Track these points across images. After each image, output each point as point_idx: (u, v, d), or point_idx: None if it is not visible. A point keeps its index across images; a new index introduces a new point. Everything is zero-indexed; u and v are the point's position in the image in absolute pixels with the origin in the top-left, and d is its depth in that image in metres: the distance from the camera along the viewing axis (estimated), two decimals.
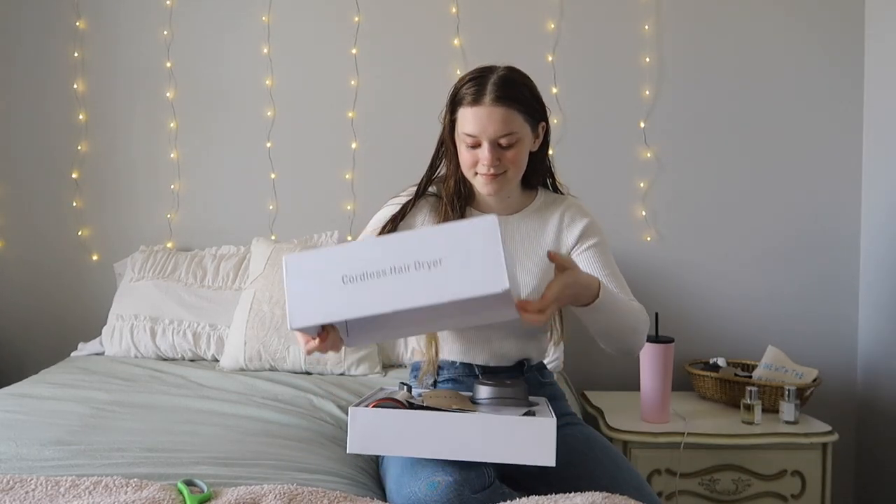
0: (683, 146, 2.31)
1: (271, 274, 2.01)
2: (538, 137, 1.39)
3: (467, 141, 1.33)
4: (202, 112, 2.36)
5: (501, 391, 1.22)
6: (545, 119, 1.40)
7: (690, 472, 1.87)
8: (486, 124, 1.30)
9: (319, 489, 1.05)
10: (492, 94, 1.30)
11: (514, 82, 1.33)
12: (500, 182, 1.35)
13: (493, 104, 1.29)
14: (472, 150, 1.34)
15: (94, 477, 1.05)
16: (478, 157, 1.33)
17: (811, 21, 2.28)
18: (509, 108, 1.30)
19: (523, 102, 1.32)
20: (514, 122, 1.31)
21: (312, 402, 1.64)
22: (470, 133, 1.32)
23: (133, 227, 2.38)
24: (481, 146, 1.32)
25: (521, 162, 1.36)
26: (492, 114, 1.30)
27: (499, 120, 1.30)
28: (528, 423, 1.09)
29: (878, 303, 2.21)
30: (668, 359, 1.87)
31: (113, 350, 2.08)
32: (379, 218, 1.48)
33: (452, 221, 1.07)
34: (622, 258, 2.27)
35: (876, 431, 2.22)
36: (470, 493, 1.06)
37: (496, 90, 1.30)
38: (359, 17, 2.32)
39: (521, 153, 1.35)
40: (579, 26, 2.31)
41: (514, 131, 1.31)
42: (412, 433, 1.08)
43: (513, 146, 1.32)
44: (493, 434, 1.08)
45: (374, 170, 2.33)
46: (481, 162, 1.32)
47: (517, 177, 1.38)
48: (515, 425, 1.08)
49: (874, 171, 2.24)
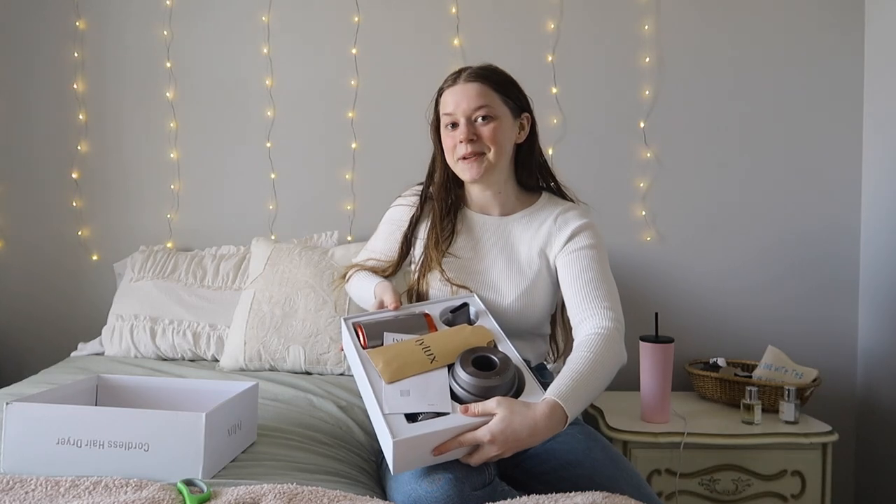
0: (683, 146, 2.31)
1: (271, 274, 2.01)
2: (523, 129, 1.43)
3: (445, 121, 1.39)
4: (202, 112, 2.36)
5: (484, 385, 1.14)
6: (528, 111, 1.43)
7: (690, 472, 1.87)
8: (460, 99, 1.36)
9: (319, 489, 1.05)
10: (467, 73, 1.38)
11: (491, 68, 1.41)
12: (482, 165, 1.37)
13: (468, 80, 1.37)
14: (451, 134, 1.38)
15: (94, 477, 1.05)
16: (456, 140, 1.37)
17: (811, 21, 2.28)
18: (483, 84, 1.36)
19: (500, 83, 1.38)
20: (488, 97, 1.36)
21: (312, 402, 1.64)
22: (446, 111, 1.38)
23: (133, 227, 2.38)
24: (458, 126, 1.36)
25: (502, 141, 1.37)
26: (466, 89, 1.36)
27: (473, 94, 1.35)
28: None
29: (877, 303, 2.21)
30: (668, 359, 1.87)
31: (113, 350, 2.08)
32: (390, 219, 1.53)
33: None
34: (622, 258, 2.28)
35: (876, 431, 2.21)
36: (470, 489, 1.06)
37: (473, 71, 1.38)
38: (359, 17, 2.32)
39: (499, 132, 1.37)
40: (579, 26, 2.31)
41: (489, 104, 1.36)
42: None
43: (489, 122, 1.36)
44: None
45: (374, 170, 2.33)
46: (458, 140, 1.36)
47: (499, 161, 1.39)
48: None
49: (874, 171, 2.24)
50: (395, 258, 1.48)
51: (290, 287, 1.97)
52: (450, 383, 1.15)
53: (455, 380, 1.15)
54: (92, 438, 1.09)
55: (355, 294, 1.53)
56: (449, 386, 1.14)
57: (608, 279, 1.36)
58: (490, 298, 1.37)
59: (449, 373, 1.17)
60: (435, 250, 1.41)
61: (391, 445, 1.04)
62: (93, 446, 1.09)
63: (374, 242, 1.56)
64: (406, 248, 1.47)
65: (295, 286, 1.97)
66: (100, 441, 1.09)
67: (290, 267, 2.01)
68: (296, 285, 1.97)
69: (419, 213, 1.48)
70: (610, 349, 1.22)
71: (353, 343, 1.24)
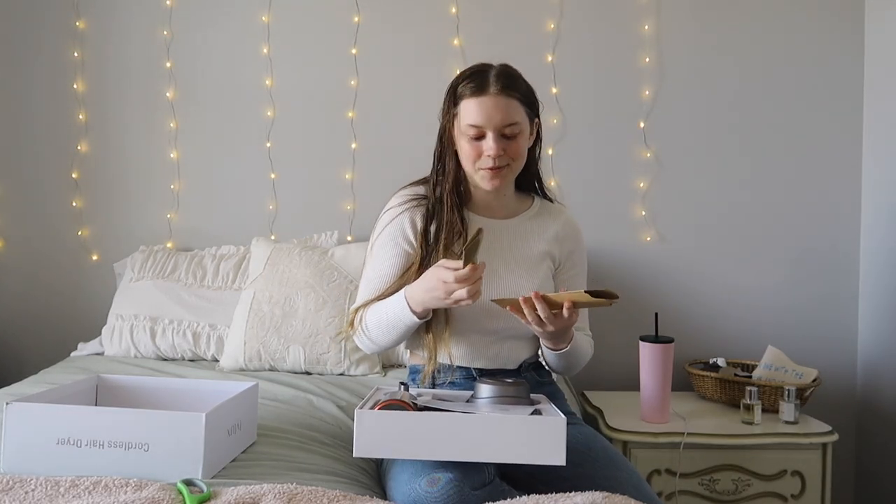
0: (683, 146, 2.31)
1: (271, 274, 2.01)
2: (532, 134, 1.42)
3: (470, 133, 1.34)
4: (202, 112, 2.36)
5: (504, 390, 1.22)
6: (538, 115, 1.42)
7: (690, 472, 1.87)
8: (492, 113, 1.32)
9: (319, 489, 1.05)
10: (496, 85, 1.33)
11: (514, 75, 1.37)
12: (504, 175, 1.37)
13: (498, 94, 1.32)
14: (475, 143, 1.34)
15: (94, 477, 1.05)
16: (481, 150, 1.34)
17: (811, 21, 2.28)
18: (512, 98, 1.33)
19: (524, 94, 1.36)
20: (517, 113, 1.34)
21: (312, 402, 1.64)
22: (474, 123, 1.33)
23: (133, 227, 2.38)
24: (485, 137, 1.33)
25: (524, 155, 1.39)
26: (498, 103, 1.32)
27: (504, 109, 1.32)
28: (537, 422, 1.08)
29: (877, 303, 2.21)
30: (668, 359, 1.87)
31: (113, 350, 2.07)
32: (391, 236, 1.42)
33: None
34: (622, 258, 2.28)
35: (876, 431, 2.21)
36: (470, 489, 1.06)
37: (500, 81, 1.33)
38: (359, 17, 2.32)
39: (523, 146, 1.38)
40: (579, 26, 2.31)
41: (518, 121, 1.34)
42: (420, 435, 1.07)
43: (516, 137, 1.35)
44: (503, 434, 1.07)
45: (374, 170, 2.33)
46: (486, 153, 1.33)
47: (518, 171, 1.40)
48: (525, 425, 1.07)
49: (874, 171, 2.24)
50: (415, 267, 1.37)
51: (290, 287, 1.97)
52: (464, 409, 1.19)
53: (475, 397, 1.23)
54: (92, 438, 1.09)
55: (381, 323, 1.35)
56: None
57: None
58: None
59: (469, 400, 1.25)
60: (446, 252, 1.35)
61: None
62: (93, 446, 1.09)
63: (380, 269, 1.40)
64: (426, 246, 1.37)
65: (295, 286, 1.97)
66: (100, 441, 1.09)
67: (290, 267, 2.01)
68: (296, 285, 1.97)
69: (432, 207, 1.40)
70: (591, 347, 1.51)
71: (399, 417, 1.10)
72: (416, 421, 1.08)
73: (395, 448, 1.08)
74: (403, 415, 1.08)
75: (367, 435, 1.07)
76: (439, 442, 1.07)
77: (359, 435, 1.07)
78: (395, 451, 1.09)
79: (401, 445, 1.07)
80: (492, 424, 1.08)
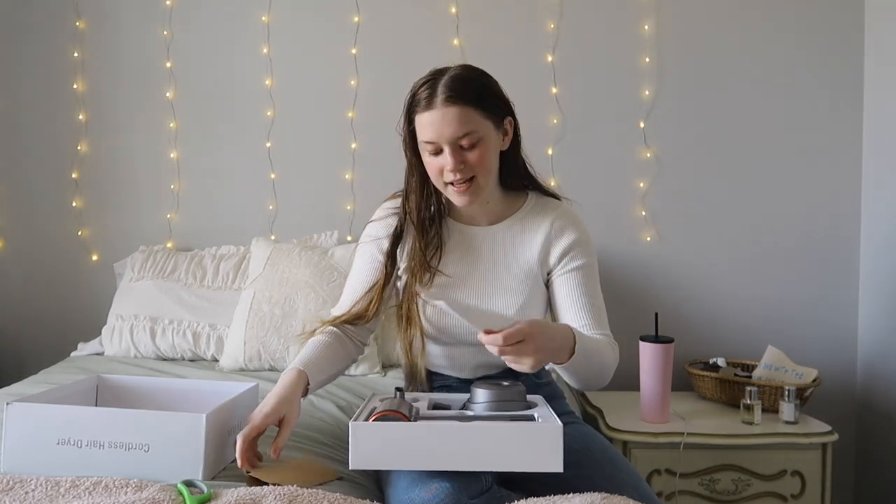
0: (683, 146, 2.31)
1: (271, 274, 2.01)
2: (507, 135, 1.35)
3: (428, 149, 1.29)
4: (202, 112, 2.36)
5: (500, 394, 1.20)
6: (510, 114, 1.35)
7: (690, 472, 1.87)
8: (441, 127, 1.25)
9: (320, 491, 1.04)
10: (443, 95, 1.25)
11: (466, 80, 1.28)
12: (473, 190, 1.30)
13: (445, 104, 1.24)
14: (435, 159, 1.29)
15: (94, 477, 1.05)
16: (443, 165, 1.28)
17: (811, 21, 2.28)
18: (463, 107, 1.25)
19: (479, 99, 1.27)
20: (470, 121, 1.26)
21: (312, 402, 1.64)
22: (428, 140, 1.27)
23: (133, 227, 2.38)
24: (443, 152, 1.28)
25: (489, 163, 1.31)
26: (445, 115, 1.25)
27: (453, 120, 1.25)
28: (534, 430, 1.07)
29: (877, 303, 2.21)
30: (668, 359, 1.87)
31: (113, 350, 2.08)
32: (367, 239, 1.45)
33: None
34: (622, 258, 2.28)
35: (876, 431, 2.22)
36: (467, 498, 1.05)
37: (446, 90, 1.25)
38: (359, 17, 2.32)
39: (486, 154, 1.29)
40: (579, 26, 2.31)
41: (473, 130, 1.26)
42: (416, 446, 1.05)
43: (475, 146, 1.27)
44: (500, 443, 1.06)
45: (374, 170, 2.33)
46: (446, 168, 1.28)
47: (488, 181, 1.33)
48: (522, 433, 1.06)
49: (874, 171, 2.24)
50: (379, 284, 1.37)
51: (290, 287, 1.97)
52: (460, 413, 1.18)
53: (471, 402, 1.21)
54: (92, 439, 1.09)
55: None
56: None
57: (599, 301, 1.38)
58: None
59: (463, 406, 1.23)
60: (421, 269, 1.33)
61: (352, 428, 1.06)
62: (93, 447, 1.09)
63: (356, 278, 1.42)
64: (391, 266, 1.37)
65: (295, 286, 1.97)
66: (100, 441, 1.09)
67: (290, 267, 2.01)
68: (296, 285, 1.97)
69: (401, 226, 1.38)
70: (613, 351, 1.34)
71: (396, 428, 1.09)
72: (411, 432, 1.06)
73: (392, 460, 1.07)
74: (398, 426, 1.07)
75: (362, 447, 1.06)
76: (435, 452, 1.05)
77: (354, 447, 1.06)
78: (391, 462, 1.07)
79: (397, 457, 1.06)
80: (488, 433, 1.06)
